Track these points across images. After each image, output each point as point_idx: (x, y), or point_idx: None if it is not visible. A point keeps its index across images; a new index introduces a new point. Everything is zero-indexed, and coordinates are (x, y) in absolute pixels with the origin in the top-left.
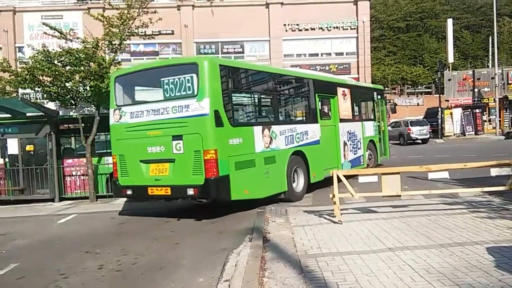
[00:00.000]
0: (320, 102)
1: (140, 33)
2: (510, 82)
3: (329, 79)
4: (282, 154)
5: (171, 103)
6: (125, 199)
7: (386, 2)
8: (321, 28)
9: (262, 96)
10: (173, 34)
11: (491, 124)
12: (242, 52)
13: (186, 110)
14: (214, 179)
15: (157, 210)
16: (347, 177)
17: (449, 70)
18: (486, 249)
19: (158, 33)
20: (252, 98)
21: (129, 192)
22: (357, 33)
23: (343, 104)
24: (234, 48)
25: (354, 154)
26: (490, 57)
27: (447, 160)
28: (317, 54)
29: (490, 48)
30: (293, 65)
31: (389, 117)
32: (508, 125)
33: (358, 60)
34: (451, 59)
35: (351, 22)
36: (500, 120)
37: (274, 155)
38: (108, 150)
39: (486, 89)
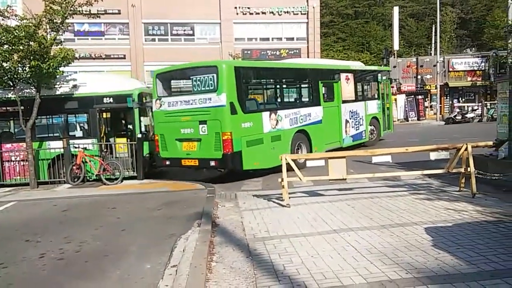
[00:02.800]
0: (323, 88)
1: (83, 12)
2: (450, 69)
3: (332, 67)
4: (287, 133)
5: (198, 96)
6: (67, 185)
7: None
8: (272, 12)
9: (269, 87)
10: (119, 13)
11: (432, 110)
12: (192, 35)
13: (209, 101)
14: (230, 154)
15: (103, 197)
16: (297, 164)
17: (394, 57)
18: (424, 229)
19: (103, 12)
20: (261, 90)
21: (167, 162)
22: (307, 18)
23: (346, 87)
24: (184, 30)
25: (356, 130)
26: (433, 45)
27: (392, 145)
28: (268, 39)
29: (433, 37)
30: (244, 49)
31: (394, 94)
32: (448, 111)
33: (308, 45)
34: (396, 47)
35: (301, 7)
36: (440, 106)
37: (279, 134)
38: (49, 135)
39: (428, 76)
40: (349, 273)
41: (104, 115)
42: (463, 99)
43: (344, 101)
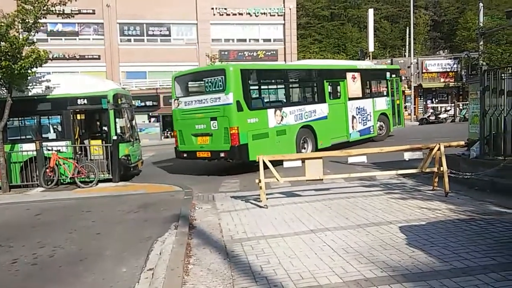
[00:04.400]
0: (329, 86)
1: (57, 12)
2: (424, 71)
3: (338, 67)
4: (292, 128)
5: (209, 96)
6: (41, 188)
7: None
8: (249, 13)
9: (274, 86)
10: (94, 13)
11: (406, 111)
12: (169, 35)
13: (219, 100)
14: (237, 146)
15: (77, 200)
16: (274, 162)
17: (369, 59)
18: (399, 228)
19: (77, 12)
20: (266, 89)
21: (185, 155)
22: (284, 20)
23: (353, 85)
24: (160, 31)
25: (364, 125)
26: (407, 47)
27: (368, 145)
28: (245, 40)
29: (407, 39)
30: (222, 50)
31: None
32: (422, 111)
33: (285, 47)
34: (371, 48)
35: (278, 9)
36: (415, 107)
37: (284, 129)
38: (22, 137)
39: (402, 78)
40: (326, 273)
41: (79, 116)
42: (437, 100)
43: (350, 98)
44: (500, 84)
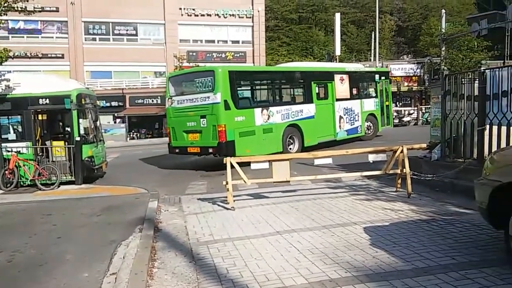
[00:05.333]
0: (317, 87)
1: (19, 8)
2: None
3: (325, 69)
4: (278, 126)
5: (200, 95)
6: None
7: None
8: (218, 14)
9: (261, 87)
10: (58, 11)
11: None
12: (135, 35)
13: (208, 99)
14: (224, 143)
15: (38, 203)
16: (240, 163)
17: (336, 62)
18: (363, 228)
19: (40, 9)
20: (253, 89)
21: (177, 150)
22: (253, 22)
23: (340, 87)
24: (127, 30)
25: (351, 125)
26: (372, 51)
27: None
28: (213, 41)
29: (373, 43)
30: (190, 51)
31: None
32: None
33: (254, 49)
34: (338, 52)
35: (246, 11)
36: None
37: (271, 127)
38: None
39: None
40: (291, 274)
41: (40, 117)
42: (400, 104)
43: (338, 99)
44: (460, 88)
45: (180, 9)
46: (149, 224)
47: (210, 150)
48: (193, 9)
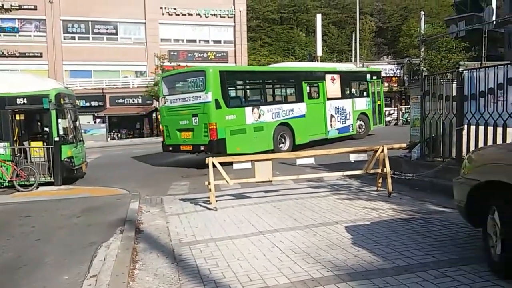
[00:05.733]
0: (308, 87)
1: None
2: None
3: (316, 69)
4: (269, 125)
5: (192, 94)
6: None
7: None
8: (199, 14)
9: (252, 87)
10: (36, 9)
11: None
12: (116, 34)
13: (199, 98)
14: (215, 140)
15: (16, 204)
16: (223, 163)
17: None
18: (345, 228)
19: (18, 7)
20: (244, 89)
21: (170, 148)
22: (234, 22)
23: (332, 86)
24: (107, 29)
25: (342, 124)
26: (353, 52)
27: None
28: (195, 41)
29: (353, 44)
30: (171, 50)
31: None
32: None
33: (235, 49)
34: (319, 53)
35: (228, 11)
36: None
37: (262, 125)
38: None
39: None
40: (274, 274)
41: (18, 117)
42: None
43: (329, 98)
44: (439, 89)
45: (161, 8)
46: (130, 225)
47: (202, 148)
48: (174, 9)
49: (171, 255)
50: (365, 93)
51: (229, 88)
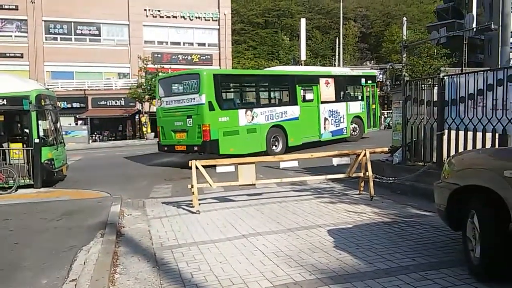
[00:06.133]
0: (302, 90)
1: None
2: None
3: (310, 73)
4: (262, 127)
5: (186, 96)
6: None
7: None
8: (183, 16)
9: (246, 90)
10: (17, 9)
11: None
12: (99, 35)
13: (193, 100)
14: (208, 141)
15: None
16: (206, 166)
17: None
18: (327, 231)
19: None
20: (238, 92)
21: (166, 148)
22: (219, 25)
23: (326, 90)
24: (89, 30)
25: (336, 126)
26: (337, 56)
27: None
28: (179, 43)
29: (337, 49)
30: (155, 52)
31: None
32: None
33: (220, 52)
34: (303, 57)
35: (213, 14)
36: None
37: (255, 127)
38: None
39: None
40: (256, 277)
41: None
42: None
43: (323, 102)
44: (420, 94)
45: (145, 10)
46: (111, 228)
47: (196, 148)
48: (158, 11)
49: (152, 258)
50: (359, 97)
51: (222, 91)
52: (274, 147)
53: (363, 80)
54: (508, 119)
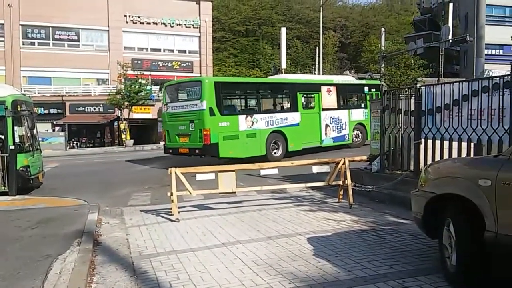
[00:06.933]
0: (303, 98)
1: None
2: None
3: (311, 81)
4: (262, 132)
5: (189, 102)
6: None
7: (228, 5)
8: (164, 23)
9: (246, 97)
10: None
11: None
12: (77, 40)
13: (196, 106)
14: (209, 145)
15: None
16: (186, 173)
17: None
18: (307, 239)
19: None
20: (238, 99)
21: (170, 151)
22: (200, 32)
23: (327, 97)
24: (68, 35)
25: (338, 133)
26: (317, 65)
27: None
28: (159, 50)
29: (317, 58)
30: (134, 58)
31: None
32: None
33: (201, 59)
34: (284, 65)
35: (193, 21)
36: None
37: (255, 132)
38: None
39: None
40: (236, 286)
41: None
42: None
43: (324, 109)
44: (398, 104)
45: (125, 16)
46: (88, 237)
47: (197, 151)
48: (139, 17)
49: (130, 268)
50: (362, 105)
51: (223, 98)
52: (274, 152)
53: (366, 89)
54: (482, 129)
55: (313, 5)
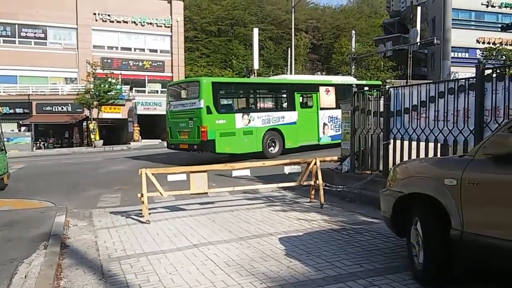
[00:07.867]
0: (300, 97)
1: None
2: None
3: (310, 82)
4: (258, 130)
5: (189, 101)
6: None
7: (200, 5)
8: (134, 22)
9: (242, 96)
10: None
11: None
12: (45, 38)
13: (194, 105)
14: (206, 141)
15: None
16: (157, 174)
17: (254, 76)
18: (279, 239)
19: None
20: (234, 98)
21: (172, 146)
22: (171, 32)
23: (326, 97)
24: (35, 33)
25: (336, 132)
26: (289, 66)
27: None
28: (130, 49)
29: (289, 59)
30: (104, 57)
31: None
32: None
33: (172, 59)
34: (256, 66)
35: (165, 20)
36: None
37: (251, 130)
38: None
39: None
40: (207, 287)
41: None
42: None
43: (322, 108)
44: (367, 105)
45: (94, 14)
46: (55, 240)
47: (195, 147)
48: (109, 15)
49: (99, 271)
50: None
51: (220, 97)
52: (270, 149)
53: (366, 89)
54: (449, 129)
55: (285, 6)
